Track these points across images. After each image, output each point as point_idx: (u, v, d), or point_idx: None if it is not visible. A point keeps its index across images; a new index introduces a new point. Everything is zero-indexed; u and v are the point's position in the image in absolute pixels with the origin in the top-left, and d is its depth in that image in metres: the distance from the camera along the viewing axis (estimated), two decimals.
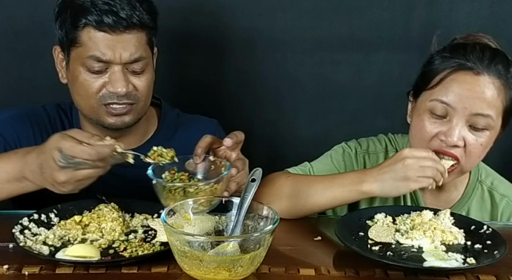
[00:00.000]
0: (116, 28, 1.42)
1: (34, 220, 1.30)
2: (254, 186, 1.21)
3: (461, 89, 1.36)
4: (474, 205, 1.54)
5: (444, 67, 1.39)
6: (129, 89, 1.47)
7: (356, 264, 1.19)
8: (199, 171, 1.35)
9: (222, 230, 1.24)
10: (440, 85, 1.39)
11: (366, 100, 2.07)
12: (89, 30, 1.43)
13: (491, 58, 1.37)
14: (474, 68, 1.36)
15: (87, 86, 1.47)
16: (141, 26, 1.46)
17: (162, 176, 1.30)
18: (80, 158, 1.21)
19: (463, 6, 1.97)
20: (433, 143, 1.40)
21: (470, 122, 1.37)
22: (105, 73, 1.46)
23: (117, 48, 1.43)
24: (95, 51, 1.43)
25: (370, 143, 1.62)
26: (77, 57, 1.46)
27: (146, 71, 1.51)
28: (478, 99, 1.35)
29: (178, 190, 1.25)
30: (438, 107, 1.38)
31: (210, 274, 1.09)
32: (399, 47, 2.02)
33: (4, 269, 1.15)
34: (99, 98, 1.47)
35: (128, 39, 1.44)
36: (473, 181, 1.55)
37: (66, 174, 1.22)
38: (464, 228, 1.34)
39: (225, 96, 2.08)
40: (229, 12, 1.99)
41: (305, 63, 2.04)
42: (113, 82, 1.45)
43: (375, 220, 1.38)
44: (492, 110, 1.36)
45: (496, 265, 1.19)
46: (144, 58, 1.48)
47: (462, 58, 1.37)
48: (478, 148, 1.39)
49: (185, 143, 1.62)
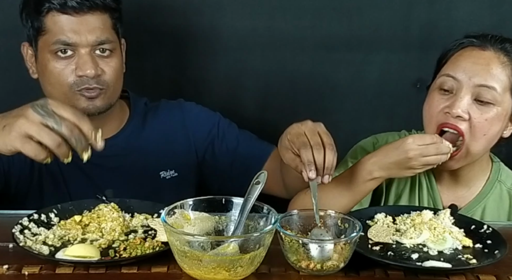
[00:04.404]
0: (80, 10, 1.45)
1: (34, 220, 1.30)
2: (258, 189, 1.21)
3: (466, 62, 1.41)
4: (491, 204, 1.55)
5: (454, 46, 1.46)
6: (98, 71, 1.49)
7: (356, 264, 1.19)
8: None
9: (222, 230, 1.24)
10: (448, 62, 1.45)
11: (366, 100, 2.07)
12: (53, 14, 1.46)
13: (499, 39, 1.43)
14: (480, 45, 1.43)
15: (57, 74, 1.49)
16: (104, 7, 1.49)
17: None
18: (58, 115, 1.12)
19: (463, 6, 1.97)
20: (439, 116, 1.43)
21: (476, 95, 1.39)
22: (73, 59, 1.48)
23: (82, 31, 1.46)
24: (60, 35, 1.46)
25: (390, 137, 1.62)
26: (44, 46, 1.49)
27: (114, 56, 1.53)
28: (483, 70, 1.39)
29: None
30: (445, 82, 1.43)
31: (210, 274, 1.09)
32: (399, 47, 2.02)
33: (4, 269, 1.15)
34: (70, 85, 1.49)
35: (92, 21, 1.47)
36: (493, 180, 1.55)
37: (32, 115, 1.11)
38: (464, 228, 1.34)
39: (225, 96, 2.08)
40: (229, 12, 1.99)
41: (305, 63, 2.04)
42: (81, 65, 1.47)
43: (375, 220, 1.38)
44: (497, 83, 1.39)
45: (496, 265, 1.19)
46: (111, 42, 1.51)
47: (471, 37, 1.45)
48: (482, 122, 1.40)
49: (155, 128, 1.68)
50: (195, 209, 1.24)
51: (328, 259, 1.15)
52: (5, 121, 1.14)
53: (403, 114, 1.96)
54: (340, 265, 1.16)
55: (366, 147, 1.60)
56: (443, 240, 1.28)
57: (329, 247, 1.15)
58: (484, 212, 1.54)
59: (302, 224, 1.26)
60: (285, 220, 1.24)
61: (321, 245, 1.15)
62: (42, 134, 1.11)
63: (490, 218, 1.52)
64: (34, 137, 1.11)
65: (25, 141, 1.11)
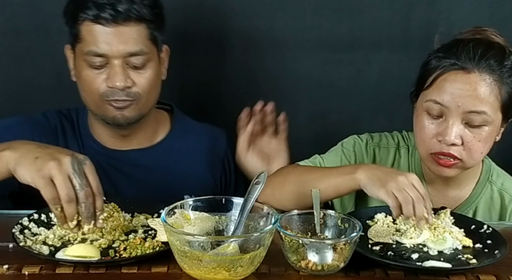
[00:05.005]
0: (114, 21, 1.43)
1: (34, 220, 1.31)
2: (258, 189, 1.21)
3: (452, 88, 1.37)
4: (482, 205, 1.54)
5: (437, 67, 1.40)
6: (128, 83, 1.47)
7: (356, 264, 1.19)
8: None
9: (222, 230, 1.24)
10: (433, 86, 1.40)
11: (366, 100, 2.07)
12: (88, 23, 1.44)
13: (483, 54, 1.37)
14: (464, 67, 1.36)
15: (89, 82, 1.48)
16: (139, 18, 1.46)
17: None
18: (86, 178, 1.18)
19: (463, 6, 1.97)
20: (432, 144, 1.41)
21: (466, 120, 1.37)
22: (106, 69, 1.47)
23: (115, 42, 1.44)
24: (92, 45, 1.44)
25: (383, 137, 1.62)
26: (79, 53, 1.48)
27: (148, 67, 1.50)
28: (470, 97, 1.35)
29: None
30: (433, 108, 1.39)
31: (210, 274, 1.09)
32: (399, 47, 2.01)
33: (4, 269, 1.15)
34: (100, 94, 1.48)
35: (126, 32, 1.45)
36: (483, 181, 1.55)
37: (66, 165, 1.16)
38: (464, 228, 1.34)
39: (225, 96, 2.07)
40: (229, 12, 1.99)
41: (305, 63, 2.03)
42: (112, 77, 1.46)
43: (375, 220, 1.38)
44: (486, 106, 1.36)
45: (496, 265, 1.19)
46: (145, 54, 1.48)
47: (453, 58, 1.38)
48: (476, 144, 1.39)
49: (191, 149, 1.65)
50: (195, 209, 1.24)
51: (328, 259, 1.15)
52: (39, 153, 1.19)
53: (403, 114, 1.95)
54: (340, 265, 1.16)
55: (358, 139, 1.61)
56: (443, 240, 1.28)
57: (329, 248, 1.15)
58: (476, 214, 1.53)
59: (302, 224, 1.26)
60: (285, 220, 1.24)
61: (321, 245, 1.15)
62: (63, 186, 1.15)
63: (481, 219, 1.51)
64: (55, 184, 1.16)
65: (47, 182, 1.16)
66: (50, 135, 1.58)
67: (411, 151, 1.58)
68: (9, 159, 1.21)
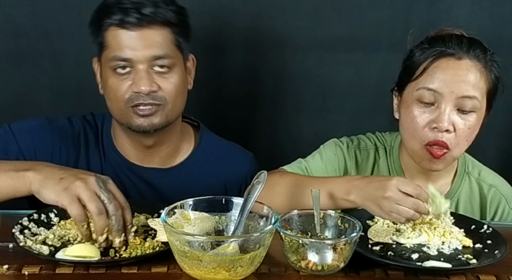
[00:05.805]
0: (139, 25, 1.42)
1: (34, 220, 1.31)
2: (259, 188, 1.21)
3: (445, 74, 1.40)
4: (464, 196, 1.56)
5: (426, 56, 1.44)
6: (153, 88, 1.45)
7: (356, 264, 1.19)
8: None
9: (222, 230, 1.25)
10: (424, 74, 1.43)
11: (366, 100, 2.07)
12: (113, 29, 1.44)
13: (469, 44, 1.42)
14: (455, 54, 1.41)
15: (115, 89, 1.46)
16: (164, 22, 1.45)
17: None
18: (112, 194, 1.23)
19: (463, 6, 1.97)
20: (425, 134, 1.42)
21: (458, 105, 1.40)
22: (131, 75, 1.45)
23: (140, 46, 1.43)
24: (118, 50, 1.43)
25: (361, 140, 1.63)
26: (105, 61, 1.47)
27: (173, 72, 1.48)
28: (463, 82, 1.39)
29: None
30: (425, 95, 1.41)
31: (210, 274, 1.09)
32: (399, 47, 2.01)
33: (4, 269, 1.15)
34: (126, 100, 1.46)
35: (151, 35, 1.44)
36: (461, 172, 1.56)
37: (91, 183, 1.22)
38: (464, 228, 1.34)
39: (225, 96, 2.08)
40: (229, 12, 1.99)
41: (305, 63, 2.04)
42: (137, 81, 1.44)
43: (375, 220, 1.38)
44: (477, 92, 1.39)
45: (496, 265, 1.20)
46: (170, 57, 1.47)
47: (442, 46, 1.43)
48: (466, 131, 1.41)
49: (213, 174, 1.62)
50: (195, 209, 1.24)
51: (328, 259, 1.15)
52: (63, 174, 1.24)
53: None
54: (340, 265, 1.16)
55: (339, 143, 1.61)
56: (418, 232, 1.30)
57: (329, 248, 1.15)
58: (458, 206, 1.55)
59: (302, 224, 1.26)
60: (285, 220, 1.24)
61: (321, 245, 1.15)
62: (91, 200, 1.20)
63: (463, 211, 1.53)
64: (83, 200, 1.20)
65: (73, 199, 1.20)
66: (71, 143, 1.56)
67: (388, 151, 1.60)
68: (33, 180, 1.25)
